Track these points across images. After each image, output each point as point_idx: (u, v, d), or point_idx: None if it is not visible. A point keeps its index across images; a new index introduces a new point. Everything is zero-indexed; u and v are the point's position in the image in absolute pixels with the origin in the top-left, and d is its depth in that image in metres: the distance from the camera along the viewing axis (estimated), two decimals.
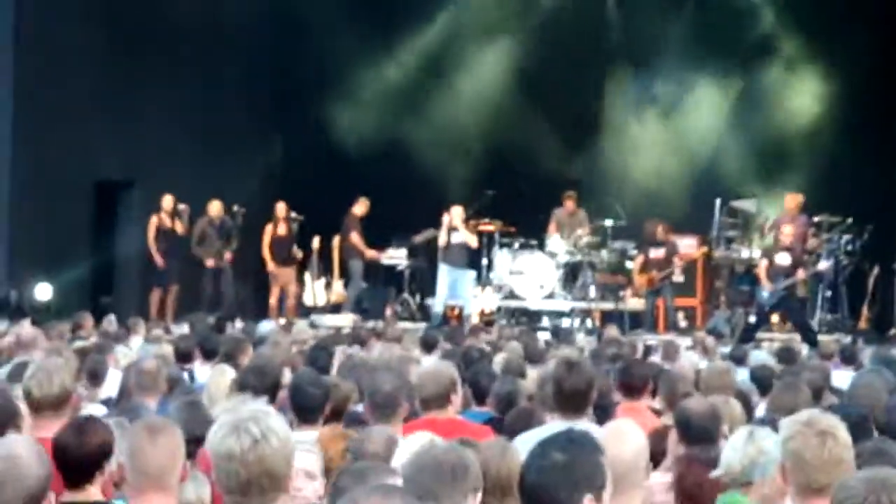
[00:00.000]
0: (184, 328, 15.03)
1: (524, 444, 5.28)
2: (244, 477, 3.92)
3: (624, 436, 4.90)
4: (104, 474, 5.22)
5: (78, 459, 5.17)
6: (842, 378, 9.88)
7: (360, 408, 7.41)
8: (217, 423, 4.08)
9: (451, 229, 19.02)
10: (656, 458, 5.86)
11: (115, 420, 6.19)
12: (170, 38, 19.61)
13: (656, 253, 19.57)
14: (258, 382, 6.87)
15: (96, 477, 5.18)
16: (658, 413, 7.79)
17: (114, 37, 18.95)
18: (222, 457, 3.94)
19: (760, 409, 8.09)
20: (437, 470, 4.20)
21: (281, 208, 20.23)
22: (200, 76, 20.13)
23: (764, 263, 17.94)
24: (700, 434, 5.98)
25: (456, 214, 19.14)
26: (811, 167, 20.45)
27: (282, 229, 20.22)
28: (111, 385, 9.30)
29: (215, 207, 19.88)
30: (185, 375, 9.96)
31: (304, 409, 6.77)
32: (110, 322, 15.05)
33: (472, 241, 19.19)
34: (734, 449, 5.46)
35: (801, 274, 17.86)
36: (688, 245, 20.31)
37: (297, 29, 20.94)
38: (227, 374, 8.24)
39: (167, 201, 19.46)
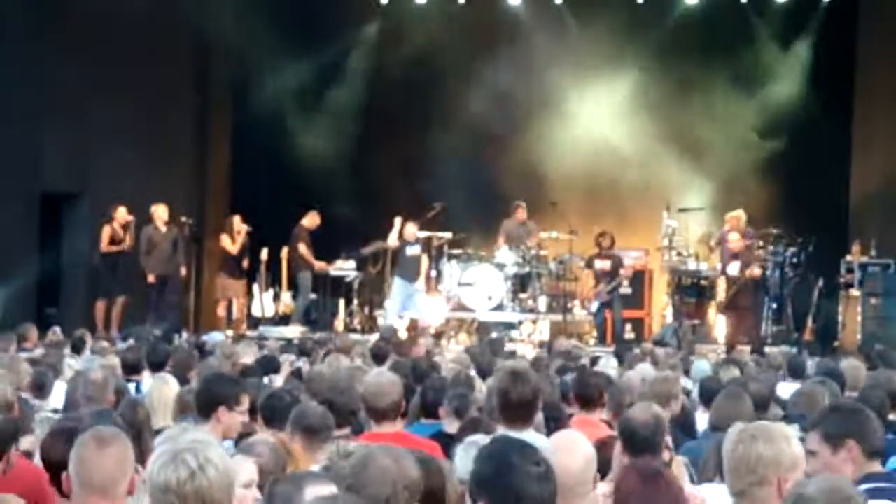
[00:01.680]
0: (128, 341, 14.90)
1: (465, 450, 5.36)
2: None
3: (573, 446, 4.93)
4: None
5: None
6: (789, 390, 9.93)
7: None
8: (155, 453, 4.04)
9: (402, 240, 19.23)
10: (602, 468, 5.87)
11: None
12: (118, 46, 19.49)
13: (602, 265, 19.63)
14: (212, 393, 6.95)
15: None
16: (611, 426, 7.80)
17: (60, 46, 18.83)
18: (159, 488, 3.89)
19: (704, 420, 8.14)
20: (381, 478, 4.21)
21: (237, 221, 20.08)
22: (150, 85, 19.99)
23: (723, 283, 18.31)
24: (643, 444, 5.94)
25: (409, 231, 19.31)
26: (756, 180, 20.58)
27: (237, 242, 20.09)
28: (57, 397, 9.25)
29: (162, 212, 19.44)
30: (132, 387, 9.92)
31: (275, 416, 7.08)
32: (55, 333, 14.95)
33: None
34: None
35: (750, 272, 18.10)
36: (635, 257, 20.38)
37: (249, 36, 20.85)
38: (171, 384, 8.23)
39: (121, 212, 19.21)
